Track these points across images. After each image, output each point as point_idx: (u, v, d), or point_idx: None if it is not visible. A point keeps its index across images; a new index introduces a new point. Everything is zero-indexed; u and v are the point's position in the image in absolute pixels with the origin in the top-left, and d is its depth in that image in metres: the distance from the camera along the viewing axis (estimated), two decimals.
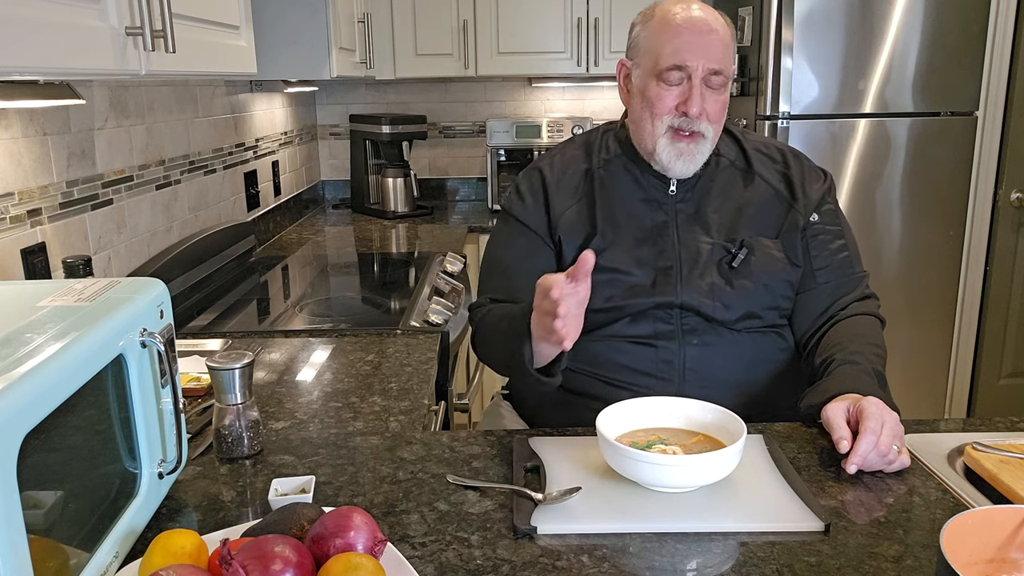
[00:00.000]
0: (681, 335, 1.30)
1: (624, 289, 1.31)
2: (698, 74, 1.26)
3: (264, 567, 0.73)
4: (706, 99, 1.27)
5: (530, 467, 1.08)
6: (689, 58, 1.25)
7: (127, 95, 1.87)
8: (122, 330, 0.87)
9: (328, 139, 3.70)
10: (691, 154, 1.30)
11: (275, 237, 2.95)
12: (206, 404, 1.32)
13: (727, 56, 1.28)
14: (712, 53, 1.26)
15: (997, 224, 3.02)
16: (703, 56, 1.25)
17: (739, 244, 1.32)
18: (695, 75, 1.26)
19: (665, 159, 1.30)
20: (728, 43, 1.29)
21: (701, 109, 1.27)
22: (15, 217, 1.46)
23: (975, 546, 0.76)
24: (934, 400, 3.15)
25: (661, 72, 1.27)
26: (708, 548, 0.90)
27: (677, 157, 1.30)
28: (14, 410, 0.66)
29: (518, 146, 3.38)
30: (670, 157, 1.30)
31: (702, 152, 1.31)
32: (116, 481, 0.88)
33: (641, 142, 1.34)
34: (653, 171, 1.35)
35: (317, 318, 1.89)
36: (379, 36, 3.14)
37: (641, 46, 1.31)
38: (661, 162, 1.31)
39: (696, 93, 1.26)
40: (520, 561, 0.88)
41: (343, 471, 1.09)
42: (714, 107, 1.28)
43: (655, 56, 1.28)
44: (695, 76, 1.26)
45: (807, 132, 2.88)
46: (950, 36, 2.83)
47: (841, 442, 1.06)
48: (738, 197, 1.36)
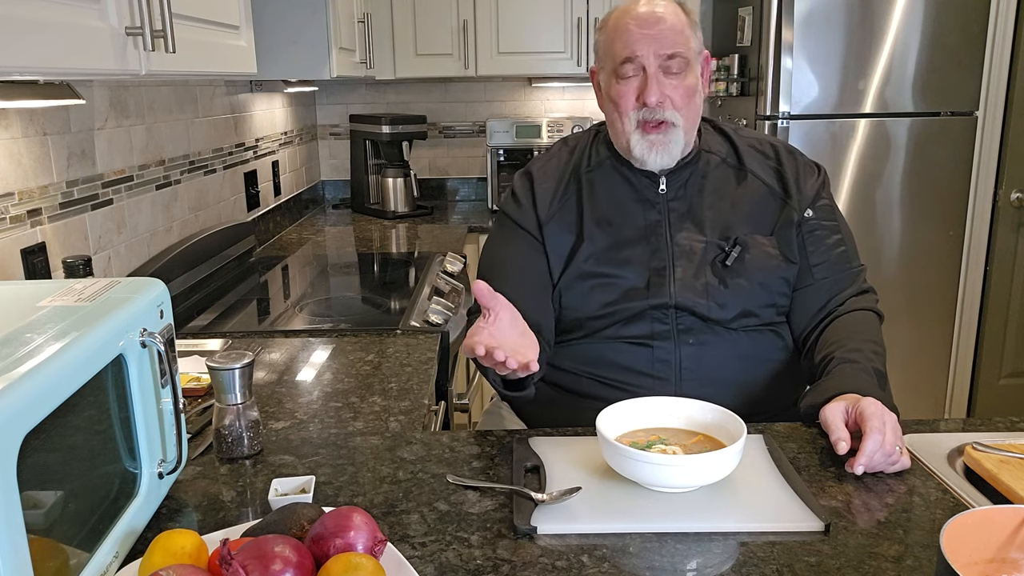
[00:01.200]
0: (676, 335, 1.30)
1: (619, 293, 1.31)
2: (651, 62, 1.28)
3: (264, 567, 0.73)
4: (665, 86, 1.28)
5: (530, 467, 1.08)
6: (638, 48, 1.28)
7: (127, 95, 1.87)
8: (122, 330, 0.87)
9: (328, 139, 3.70)
10: (664, 144, 1.31)
11: (275, 237, 2.95)
12: (206, 404, 1.32)
13: (681, 40, 1.29)
14: (663, 40, 1.27)
15: (997, 224, 3.02)
16: (653, 44, 1.27)
17: (733, 242, 1.33)
18: (648, 64, 1.28)
19: (639, 153, 1.32)
20: (681, 28, 1.30)
21: (661, 96, 1.28)
22: (15, 217, 1.46)
23: (975, 546, 0.76)
24: (934, 400, 3.15)
25: (616, 68, 1.30)
26: (708, 548, 0.90)
27: (649, 149, 1.31)
28: (14, 410, 0.66)
29: (518, 146, 3.38)
30: (643, 150, 1.31)
31: (675, 141, 1.31)
32: (116, 481, 0.88)
33: (617, 142, 1.36)
34: (643, 170, 1.36)
35: (317, 318, 1.89)
36: (379, 36, 3.14)
37: (601, 49, 1.35)
38: (636, 157, 1.33)
39: (652, 82, 1.28)
40: (520, 561, 0.88)
41: (343, 471, 1.09)
42: (676, 92, 1.29)
43: (611, 55, 1.31)
44: (649, 65, 1.28)
45: (807, 132, 2.88)
46: (950, 36, 2.83)
47: (839, 443, 1.06)
48: (731, 195, 1.36)
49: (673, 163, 1.34)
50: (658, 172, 1.35)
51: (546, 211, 1.38)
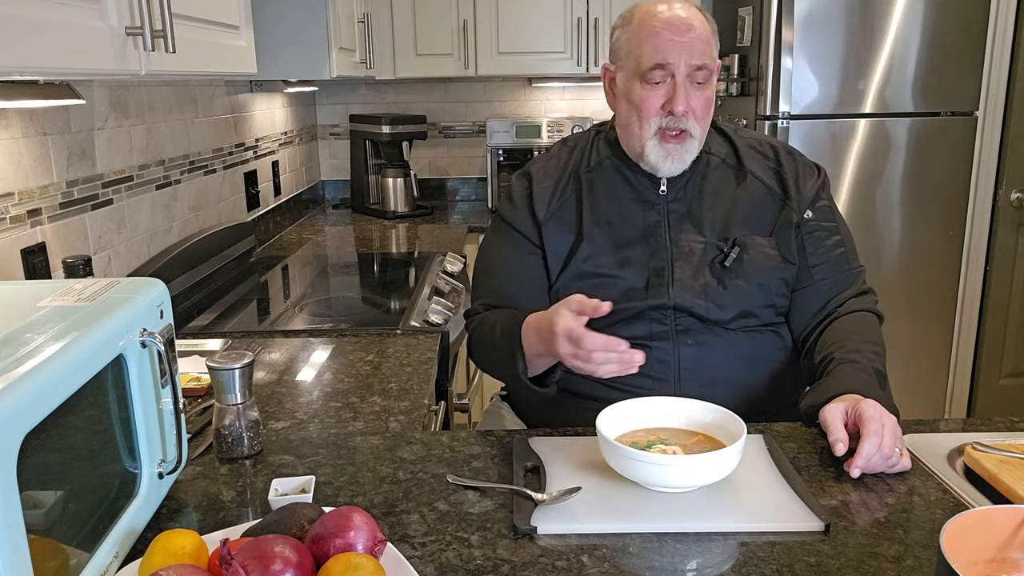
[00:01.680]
0: (675, 336, 1.30)
1: (617, 293, 1.31)
2: (681, 71, 1.27)
3: (264, 567, 0.73)
4: (691, 96, 1.28)
5: (530, 467, 1.08)
6: (670, 56, 1.26)
7: (127, 95, 1.87)
8: (122, 330, 0.87)
9: (328, 139, 3.70)
10: (679, 154, 1.31)
11: (275, 237, 2.95)
12: (206, 404, 1.32)
13: (708, 50, 1.29)
14: (693, 49, 1.26)
15: (997, 224, 3.02)
16: (684, 53, 1.26)
17: (731, 243, 1.33)
18: (678, 73, 1.27)
19: (653, 160, 1.32)
20: (708, 38, 1.29)
21: (687, 107, 1.28)
22: (15, 217, 1.46)
23: (975, 546, 0.76)
24: (934, 400, 3.15)
25: (644, 73, 1.28)
26: (708, 548, 0.90)
27: (665, 157, 1.31)
28: (14, 410, 0.66)
29: (518, 146, 3.38)
30: (658, 158, 1.31)
31: (690, 151, 1.32)
32: (116, 481, 0.88)
33: (629, 144, 1.35)
34: (644, 171, 1.36)
35: (317, 318, 1.89)
36: (379, 36, 3.14)
37: (623, 49, 1.32)
38: (650, 163, 1.32)
39: (681, 91, 1.27)
40: (520, 561, 0.88)
41: (343, 471, 1.09)
42: (699, 103, 1.29)
43: (637, 57, 1.29)
44: (678, 74, 1.27)
45: (807, 132, 2.88)
46: (950, 36, 2.83)
47: (836, 444, 1.06)
48: (730, 195, 1.37)
49: (682, 170, 1.34)
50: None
51: (544, 211, 1.38)
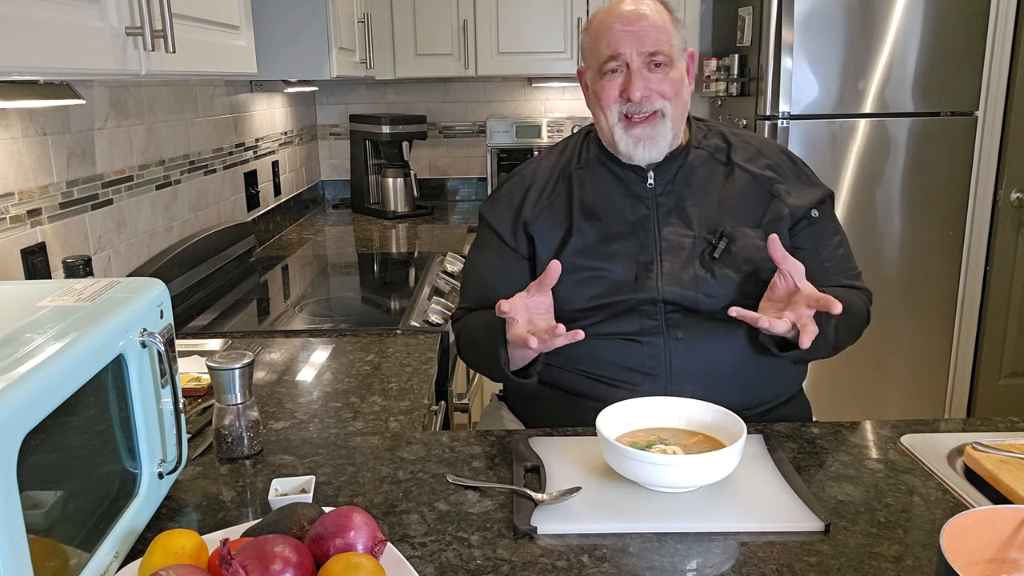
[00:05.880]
0: (666, 330, 1.31)
1: (607, 286, 1.32)
2: (634, 60, 1.31)
3: (264, 567, 0.73)
4: (650, 80, 1.31)
5: (530, 467, 1.08)
6: (622, 46, 1.30)
7: (127, 95, 1.87)
8: (122, 330, 0.87)
9: (328, 139, 3.70)
10: (651, 138, 1.33)
11: (275, 237, 2.95)
12: (206, 404, 1.32)
13: (664, 36, 1.32)
14: (645, 37, 1.30)
15: (997, 224, 3.02)
16: (635, 42, 1.30)
17: (719, 235, 1.33)
18: (632, 61, 1.31)
19: (624, 147, 1.34)
20: (662, 24, 1.32)
21: (646, 90, 1.30)
22: (15, 217, 1.46)
23: (975, 546, 0.76)
24: (934, 400, 3.15)
25: (601, 66, 1.33)
26: (708, 548, 0.90)
27: (635, 144, 1.33)
28: (14, 410, 0.66)
29: (518, 146, 3.38)
30: (628, 144, 1.33)
31: (662, 134, 1.33)
32: (116, 481, 0.88)
33: (604, 136, 1.38)
34: (631, 166, 1.37)
35: (317, 318, 1.89)
36: (379, 36, 3.14)
37: (587, 50, 1.38)
38: (622, 151, 1.35)
39: (636, 77, 1.30)
40: (520, 561, 0.88)
41: (343, 471, 1.09)
42: (663, 85, 1.32)
43: (596, 54, 1.34)
44: (632, 62, 1.31)
45: (807, 132, 2.88)
46: (950, 36, 2.83)
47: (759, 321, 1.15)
48: (719, 190, 1.37)
49: (661, 156, 1.35)
50: (646, 167, 1.36)
51: (532, 209, 1.40)
